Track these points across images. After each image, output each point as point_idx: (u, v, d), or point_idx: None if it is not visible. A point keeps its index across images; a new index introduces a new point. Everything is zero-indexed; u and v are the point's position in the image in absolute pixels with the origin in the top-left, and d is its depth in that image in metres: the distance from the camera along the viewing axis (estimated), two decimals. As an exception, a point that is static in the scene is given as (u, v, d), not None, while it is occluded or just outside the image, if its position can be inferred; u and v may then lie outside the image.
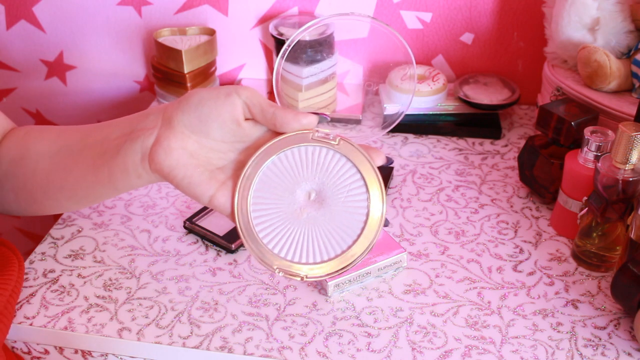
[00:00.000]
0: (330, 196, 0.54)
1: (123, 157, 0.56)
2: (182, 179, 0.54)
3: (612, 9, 0.80)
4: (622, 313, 0.65)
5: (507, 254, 0.72)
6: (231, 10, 1.01)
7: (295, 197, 0.54)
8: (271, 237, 0.54)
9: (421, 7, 0.97)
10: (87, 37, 1.05)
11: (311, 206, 0.54)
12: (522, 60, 1.00)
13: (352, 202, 0.54)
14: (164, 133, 0.54)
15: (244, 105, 0.53)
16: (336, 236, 0.54)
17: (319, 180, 0.54)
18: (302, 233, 0.54)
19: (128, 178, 0.57)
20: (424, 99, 0.93)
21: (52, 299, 0.67)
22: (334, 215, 0.54)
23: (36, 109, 1.14)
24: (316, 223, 0.54)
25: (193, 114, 0.54)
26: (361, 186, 0.53)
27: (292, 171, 0.54)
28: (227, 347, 0.62)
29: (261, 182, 0.54)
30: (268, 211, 0.54)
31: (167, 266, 0.71)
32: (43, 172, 0.62)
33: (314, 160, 0.54)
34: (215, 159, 0.55)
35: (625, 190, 0.64)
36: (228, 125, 0.53)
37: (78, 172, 0.59)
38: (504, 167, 0.87)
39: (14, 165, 0.63)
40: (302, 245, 0.54)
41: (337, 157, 0.54)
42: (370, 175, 0.53)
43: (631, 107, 0.75)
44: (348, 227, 0.54)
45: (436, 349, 0.61)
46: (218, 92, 0.54)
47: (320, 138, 0.53)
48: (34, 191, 0.63)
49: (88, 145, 0.60)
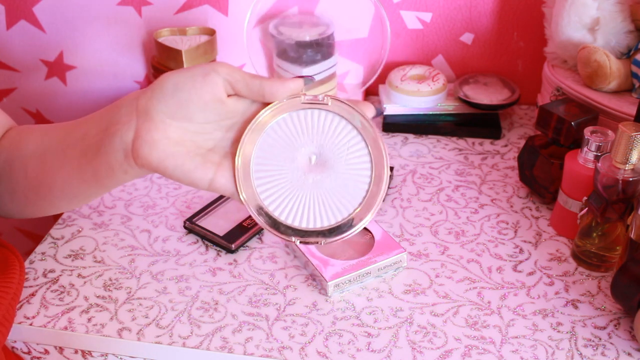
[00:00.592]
0: (332, 157, 0.53)
1: (104, 156, 0.54)
2: (174, 169, 0.52)
3: (612, 9, 0.80)
4: (622, 313, 0.65)
5: (507, 254, 0.72)
6: (231, 10, 1.01)
7: (297, 164, 0.53)
8: (282, 209, 0.53)
9: (421, 7, 0.97)
10: (87, 37, 1.05)
11: (314, 170, 0.53)
12: (522, 60, 1.00)
13: (354, 159, 0.53)
14: (143, 125, 0.52)
15: (225, 82, 0.51)
16: (346, 195, 0.53)
17: (318, 143, 0.53)
18: (310, 199, 0.53)
19: (114, 176, 0.55)
20: (424, 99, 0.93)
21: (52, 299, 0.67)
22: (339, 175, 0.53)
23: (36, 109, 1.14)
24: (323, 186, 0.53)
25: (171, 101, 0.51)
26: (360, 141, 0.53)
27: (289, 138, 0.53)
28: (227, 347, 0.62)
29: (259, 156, 0.53)
30: (273, 182, 0.53)
31: (167, 266, 0.71)
32: (33, 173, 0.61)
33: (307, 123, 0.53)
34: (203, 141, 0.53)
35: (625, 190, 0.64)
36: (210, 105, 0.51)
37: (64, 172, 0.58)
38: (504, 167, 0.87)
39: (7, 166, 0.63)
40: (313, 211, 0.53)
41: (330, 116, 0.53)
42: (366, 128, 0.53)
43: (631, 107, 0.75)
44: (355, 183, 0.53)
45: (436, 349, 0.61)
46: (193, 73, 0.51)
47: (310, 101, 0.53)
48: (27, 192, 0.62)
49: (70, 144, 0.58)
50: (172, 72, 0.52)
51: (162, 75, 0.53)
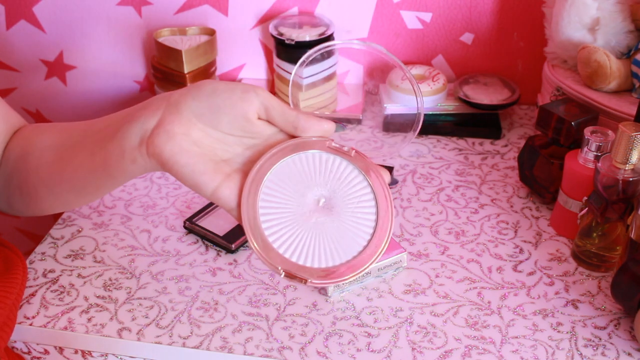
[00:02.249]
0: (340, 204, 0.54)
1: (120, 139, 0.54)
2: (184, 166, 0.52)
3: (612, 9, 0.80)
4: (622, 313, 0.65)
5: (507, 254, 0.72)
6: (231, 10, 1.01)
7: (305, 200, 0.54)
8: (277, 237, 0.53)
9: (421, 7, 0.97)
10: (87, 37, 1.05)
11: (320, 212, 0.54)
12: (522, 60, 1.00)
13: (361, 214, 0.54)
14: (169, 117, 0.53)
15: (261, 105, 0.53)
16: (343, 244, 0.54)
17: (330, 188, 0.54)
18: (309, 237, 0.54)
19: (122, 162, 0.55)
20: (424, 99, 0.93)
21: (52, 299, 0.67)
22: (342, 224, 0.54)
23: (36, 109, 1.14)
24: (324, 229, 0.54)
25: (204, 102, 0.53)
26: (371, 199, 0.54)
27: (305, 175, 0.54)
28: (227, 347, 0.62)
29: (272, 181, 0.54)
30: (277, 210, 0.54)
31: (167, 266, 0.71)
32: (46, 165, 0.61)
33: (327, 167, 0.55)
34: (220, 151, 0.54)
35: (625, 190, 0.64)
36: (239, 120, 0.53)
37: (77, 160, 0.59)
38: (504, 167, 0.87)
39: (20, 162, 0.63)
40: (307, 249, 0.53)
41: (350, 168, 0.55)
42: (380, 190, 0.54)
43: (631, 107, 0.75)
44: (355, 236, 0.54)
45: (436, 349, 0.61)
46: (234, 87, 0.53)
47: (336, 147, 0.54)
48: (37, 186, 0.62)
49: (89, 134, 0.59)
50: (214, 80, 0.55)
51: (203, 80, 0.55)
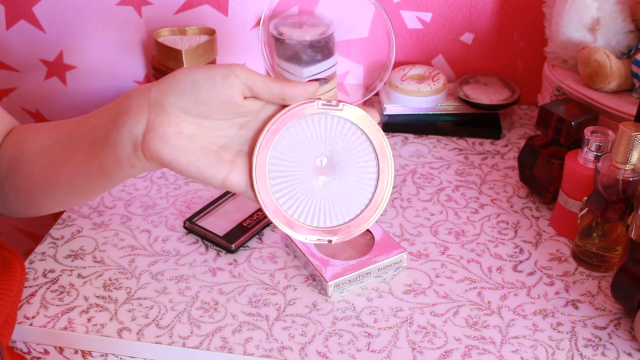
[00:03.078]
0: (342, 160, 0.56)
1: (112, 147, 0.54)
2: (187, 165, 0.52)
3: (612, 9, 0.80)
4: (622, 313, 0.65)
5: (507, 254, 0.72)
6: (231, 10, 1.01)
7: (309, 166, 0.56)
8: (295, 208, 0.56)
9: (421, 7, 0.97)
10: (87, 37, 1.05)
11: (325, 172, 0.56)
12: (522, 60, 1.00)
13: (362, 163, 0.56)
14: (156, 119, 0.52)
15: (244, 85, 0.52)
16: (352, 198, 0.56)
17: (330, 147, 0.55)
18: (320, 199, 0.56)
19: (121, 168, 0.55)
20: (424, 99, 0.93)
21: (52, 299, 0.67)
22: (348, 177, 0.56)
23: (36, 109, 1.14)
24: (332, 187, 0.56)
25: (187, 97, 0.51)
26: (368, 146, 0.55)
27: (304, 141, 0.55)
28: (227, 347, 0.62)
29: (275, 156, 0.55)
30: (287, 183, 0.55)
31: (167, 266, 0.71)
32: (39, 169, 0.60)
33: (321, 127, 0.55)
34: (215, 138, 0.54)
35: (626, 190, 0.64)
36: (228, 106, 0.52)
37: (72, 166, 0.58)
38: (504, 167, 0.87)
39: (12, 165, 0.63)
40: (323, 211, 0.56)
41: (342, 121, 0.55)
42: (374, 132, 0.55)
43: (631, 107, 0.75)
44: (362, 186, 0.56)
45: (436, 349, 0.61)
46: (213, 73, 0.51)
47: (325, 106, 0.55)
48: (32, 190, 0.62)
49: (78, 137, 0.58)
50: (188, 68, 0.53)
51: (176, 71, 0.53)
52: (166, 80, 0.52)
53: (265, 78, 0.52)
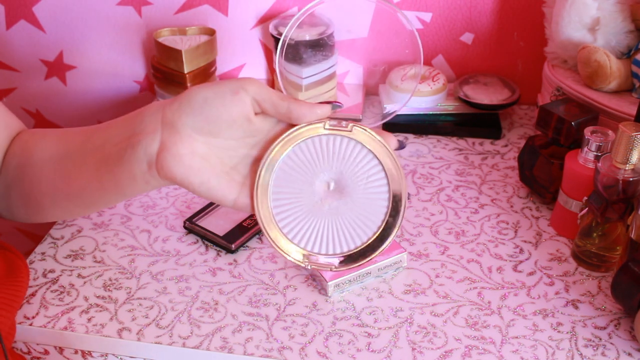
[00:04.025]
0: (350, 184, 0.53)
1: (127, 165, 0.54)
2: (199, 185, 0.52)
3: (612, 9, 0.80)
4: (622, 313, 0.65)
5: (507, 254, 0.72)
6: (231, 10, 1.01)
7: (314, 189, 0.54)
8: (296, 232, 0.54)
9: (421, 7, 0.97)
10: (87, 37, 1.05)
11: (332, 196, 0.54)
12: (522, 60, 1.00)
13: (372, 188, 0.53)
14: (170, 138, 0.52)
15: (253, 101, 0.51)
16: (360, 224, 0.54)
17: (337, 170, 0.53)
18: (325, 225, 0.54)
19: (135, 185, 0.55)
20: (424, 99, 0.93)
21: (52, 299, 0.67)
22: (356, 203, 0.53)
23: (36, 109, 1.14)
24: (338, 213, 0.53)
25: (199, 116, 0.51)
26: (380, 171, 0.53)
27: (309, 163, 0.53)
28: (227, 347, 0.62)
29: (279, 178, 0.53)
30: (289, 206, 0.54)
31: (167, 266, 0.71)
32: (47, 179, 0.60)
33: (329, 149, 0.53)
34: (227, 158, 0.53)
35: (626, 190, 0.64)
36: (238, 123, 0.52)
37: (83, 179, 0.58)
38: (504, 167, 0.87)
39: (20, 172, 0.62)
40: (327, 237, 0.54)
41: (352, 144, 0.53)
42: (387, 158, 0.53)
43: (631, 107, 0.75)
44: (371, 213, 0.53)
45: (436, 349, 0.61)
46: (223, 90, 0.51)
47: (334, 127, 0.53)
48: (40, 199, 0.61)
49: (89, 150, 0.58)
50: (200, 86, 0.52)
51: (190, 89, 0.53)
52: (179, 99, 0.52)
53: (273, 94, 0.52)
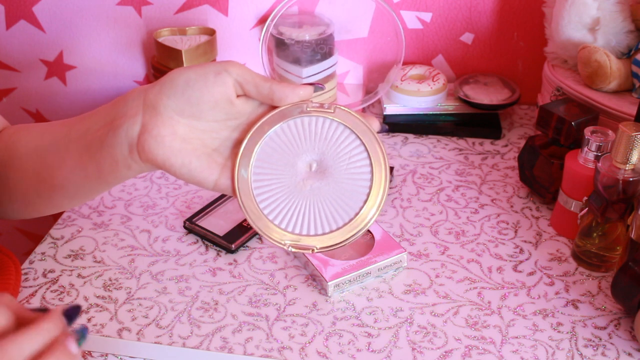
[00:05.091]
0: (332, 165, 0.53)
1: (108, 149, 0.54)
2: (180, 167, 0.52)
3: (612, 9, 0.80)
4: (622, 313, 0.65)
5: (507, 254, 0.72)
6: (231, 10, 1.01)
7: (296, 170, 0.53)
8: (276, 213, 0.53)
9: (421, 7, 0.97)
10: (87, 37, 1.05)
11: (314, 177, 0.53)
12: (522, 60, 1.00)
13: (354, 169, 0.53)
14: (151, 120, 0.52)
15: (236, 82, 0.51)
16: (342, 204, 0.53)
17: (319, 150, 0.53)
18: (307, 205, 0.53)
19: (117, 170, 0.54)
20: (424, 99, 0.93)
21: (52, 299, 0.67)
22: (338, 184, 0.53)
23: (36, 109, 1.14)
24: (320, 194, 0.53)
25: (181, 98, 0.51)
26: (362, 151, 0.53)
27: (291, 144, 0.53)
28: (227, 347, 0.62)
29: (260, 159, 0.53)
30: (270, 187, 0.53)
31: (167, 266, 0.71)
32: (32, 171, 0.60)
33: (311, 130, 0.53)
34: (209, 140, 0.53)
35: (626, 190, 0.64)
36: (220, 105, 0.51)
37: (66, 168, 0.57)
38: (504, 167, 0.87)
39: (4, 167, 0.62)
40: (308, 218, 0.53)
41: (334, 125, 0.53)
42: (370, 139, 0.53)
43: (631, 107, 0.75)
44: (353, 193, 0.53)
45: (436, 349, 0.61)
46: (206, 71, 0.51)
47: (316, 108, 0.52)
48: (26, 192, 0.61)
49: (72, 139, 0.57)
50: (183, 68, 0.52)
51: (172, 71, 0.52)
52: (161, 82, 0.52)
53: (255, 76, 0.51)
